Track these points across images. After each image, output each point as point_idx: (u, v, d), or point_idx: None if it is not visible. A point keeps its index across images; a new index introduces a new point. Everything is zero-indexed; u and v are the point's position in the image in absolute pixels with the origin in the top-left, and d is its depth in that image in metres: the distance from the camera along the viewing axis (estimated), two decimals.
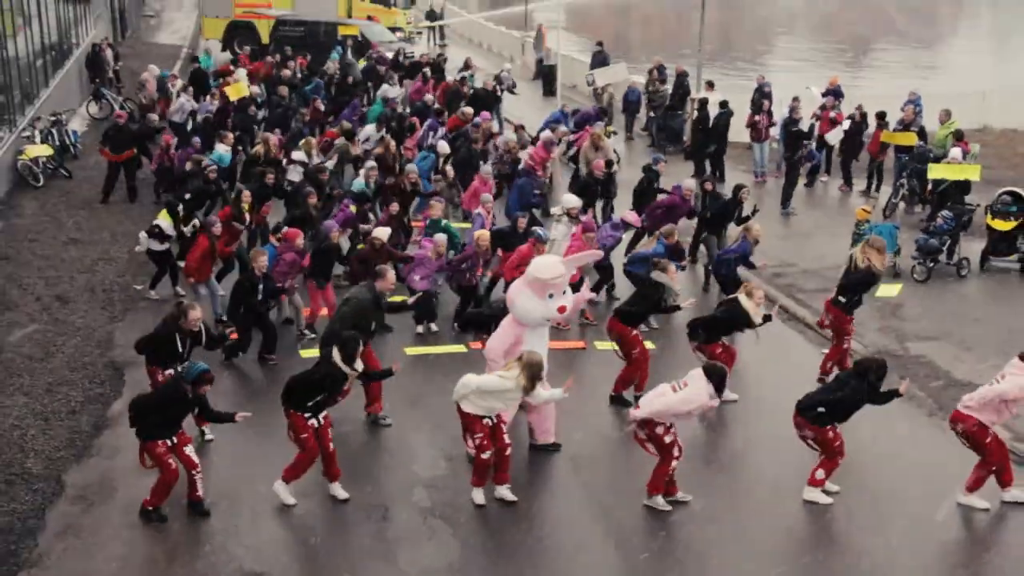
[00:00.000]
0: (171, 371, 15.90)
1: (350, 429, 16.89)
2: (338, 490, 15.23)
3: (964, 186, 26.69)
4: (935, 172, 27.11)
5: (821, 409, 15.03)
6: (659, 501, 15.16)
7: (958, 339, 21.19)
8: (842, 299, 19.10)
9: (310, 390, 14.84)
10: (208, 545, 14.37)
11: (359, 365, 15.04)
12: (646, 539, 14.75)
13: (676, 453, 14.91)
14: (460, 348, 20.55)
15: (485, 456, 14.90)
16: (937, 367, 20.03)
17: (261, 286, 19.13)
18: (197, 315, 16.15)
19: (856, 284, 18.99)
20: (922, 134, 30.30)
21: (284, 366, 18.91)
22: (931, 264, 24.37)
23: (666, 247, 20.69)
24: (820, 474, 15.36)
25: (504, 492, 15.23)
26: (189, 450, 14.70)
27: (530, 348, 15.74)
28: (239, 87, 32.43)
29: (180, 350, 15.97)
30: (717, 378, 14.75)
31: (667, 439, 14.82)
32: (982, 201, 26.20)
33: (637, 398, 17.10)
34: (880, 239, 19.65)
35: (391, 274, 17.47)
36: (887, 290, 21.29)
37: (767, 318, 18.13)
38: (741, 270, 21.71)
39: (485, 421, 14.85)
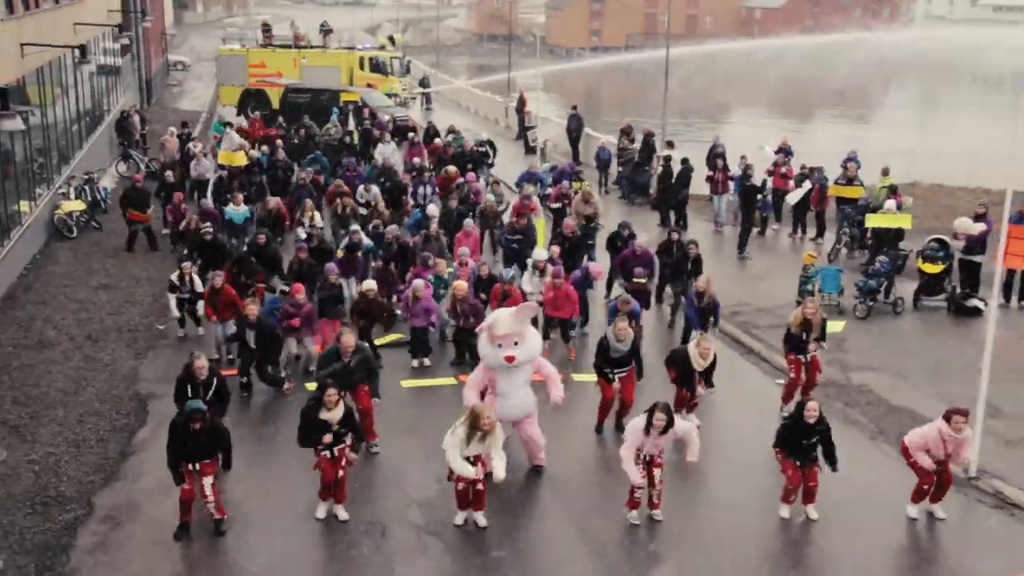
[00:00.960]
0: None
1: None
2: (341, 511, 15.21)
3: (898, 234, 26.92)
4: (872, 221, 27.34)
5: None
6: (632, 515, 15.32)
7: (895, 369, 21.23)
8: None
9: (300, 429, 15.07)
10: (224, 560, 14.34)
11: (337, 411, 14.80)
12: (620, 553, 14.73)
13: (637, 480, 15.16)
14: (451, 380, 20.49)
15: (460, 487, 14.95)
16: (877, 395, 20.07)
17: (253, 332, 19.17)
18: (201, 364, 16.12)
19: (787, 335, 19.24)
20: (860, 187, 30.42)
21: (297, 398, 18.91)
22: (870, 303, 24.42)
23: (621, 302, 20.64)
24: (782, 492, 15.54)
25: (478, 517, 15.18)
26: (206, 481, 14.60)
27: (503, 387, 16.22)
28: (230, 155, 32.09)
29: (190, 395, 15.88)
30: (647, 415, 14.91)
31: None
32: (914, 247, 26.32)
33: (621, 425, 17.79)
34: (813, 302, 19.69)
35: (347, 338, 17.06)
36: (832, 326, 21.37)
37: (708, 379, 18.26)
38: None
39: None
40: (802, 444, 15.22)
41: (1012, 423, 18.66)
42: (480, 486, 15.01)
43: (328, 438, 14.79)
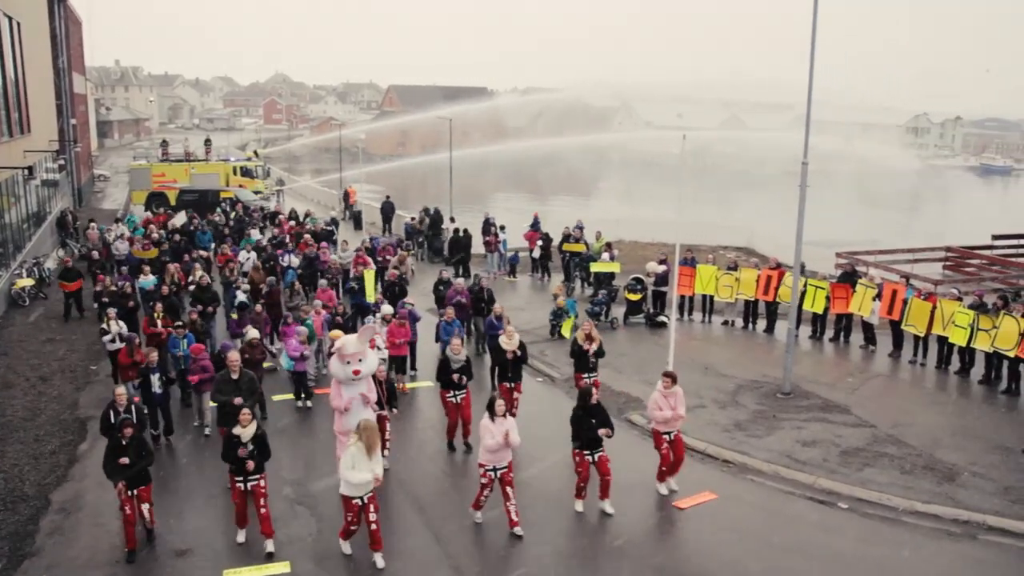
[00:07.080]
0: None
1: None
2: (269, 544, 13.21)
3: (612, 275, 27.77)
4: (595, 267, 28.20)
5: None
6: (476, 516, 14.07)
7: (614, 366, 21.65)
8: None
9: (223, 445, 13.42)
10: (149, 536, 13.63)
11: (249, 429, 12.94)
12: (447, 521, 14.70)
13: (483, 481, 13.67)
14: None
15: (349, 517, 12.71)
16: (603, 383, 20.19)
17: (155, 376, 17.16)
18: (121, 392, 14.62)
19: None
20: (584, 244, 31.30)
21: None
22: (596, 322, 24.98)
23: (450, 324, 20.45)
24: (574, 490, 14.61)
25: (377, 558, 12.76)
26: (145, 507, 13.21)
27: (349, 396, 14.64)
28: (143, 253, 30.39)
29: (113, 420, 14.01)
30: (488, 408, 13.68)
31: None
32: (622, 284, 27.20)
33: (469, 445, 16.79)
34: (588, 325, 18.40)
35: (232, 353, 15.70)
36: (567, 332, 21.94)
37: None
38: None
39: (355, 502, 12.59)
40: (592, 425, 13.80)
41: (688, 397, 18.81)
42: (374, 527, 12.68)
43: (243, 451, 12.78)
